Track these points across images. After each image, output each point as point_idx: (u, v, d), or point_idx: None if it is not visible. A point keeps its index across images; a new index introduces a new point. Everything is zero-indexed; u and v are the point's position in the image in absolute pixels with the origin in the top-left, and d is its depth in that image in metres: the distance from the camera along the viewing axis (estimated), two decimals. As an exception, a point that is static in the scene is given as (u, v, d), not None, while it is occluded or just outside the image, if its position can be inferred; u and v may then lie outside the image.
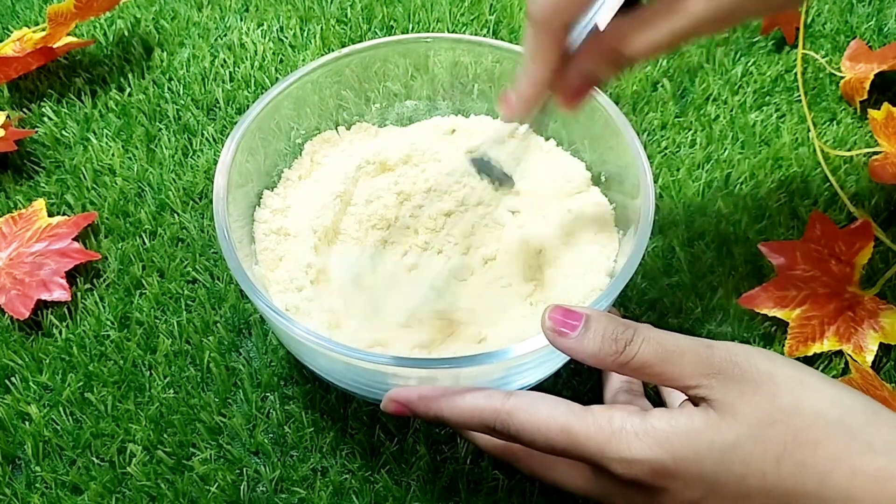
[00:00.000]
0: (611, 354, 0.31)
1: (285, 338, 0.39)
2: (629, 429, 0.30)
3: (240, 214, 0.44)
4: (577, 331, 0.32)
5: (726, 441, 0.29)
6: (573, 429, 0.31)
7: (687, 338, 0.31)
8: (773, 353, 0.31)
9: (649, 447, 0.30)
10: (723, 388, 0.30)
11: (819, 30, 0.64)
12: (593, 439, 0.30)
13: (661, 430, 0.30)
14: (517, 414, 0.32)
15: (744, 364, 0.30)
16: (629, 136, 0.43)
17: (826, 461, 0.28)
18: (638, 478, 0.30)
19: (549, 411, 0.31)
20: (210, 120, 0.58)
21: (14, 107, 0.60)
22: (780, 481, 0.28)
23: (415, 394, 0.34)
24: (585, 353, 0.32)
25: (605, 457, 0.30)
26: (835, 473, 0.28)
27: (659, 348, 0.31)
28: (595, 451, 0.30)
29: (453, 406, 0.33)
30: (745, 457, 0.29)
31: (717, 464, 0.29)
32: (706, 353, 0.30)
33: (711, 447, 0.29)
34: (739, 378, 0.30)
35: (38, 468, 0.42)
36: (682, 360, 0.30)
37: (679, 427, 0.30)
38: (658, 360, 0.30)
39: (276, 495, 0.41)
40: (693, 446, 0.29)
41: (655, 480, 0.30)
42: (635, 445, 0.30)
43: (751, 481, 0.29)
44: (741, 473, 0.29)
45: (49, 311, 0.47)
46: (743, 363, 0.30)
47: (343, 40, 0.63)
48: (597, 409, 0.31)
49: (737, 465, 0.29)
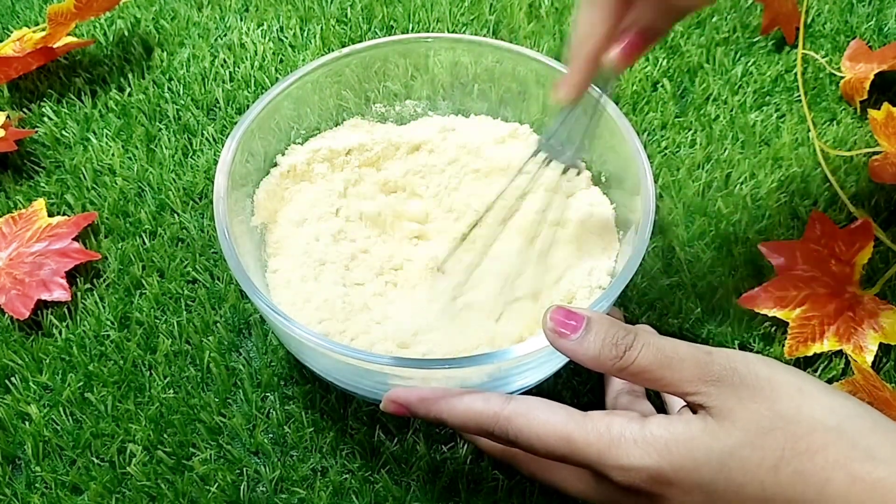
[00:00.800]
0: (610, 359, 0.31)
1: (285, 338, 0.39)
2: (628, 436, 0.30)
3: (239, 213, 0.44)
4: (578, 333, 0.32)
5: (724, 448, 0.29)
6: (572, 436, 0.31)
7: (686, 344, 0.31)
8: (772, 361, 0.31)
9: (648, 455, 0.30)
10: (721, 395, 0.30)
11: (819, 30, 0.64)
12: (592, 446, 0.30)
13: (659, 437, 0.30)
14: (516, 420, 0.32)
15: (743, 371, 0.30)
16: (629, 136, 0.43)
17: (824, 469, 0.28)
18: (636, 485, 0.30)
19: (548, 417, 0.31)
20: (210, 120, 0.58)
21: (14, 107, 0.60)
22: (779, 489, 0.28)
23: (414, 395, 0.34)
24: (586, 355, 0.32)
25: (604, 464, 0.30)
26: (833, 481, 0.28)
27: (658, 354, 0.31)
28: (594, 458, 0.30)
29: (452, 409, 0.33)
30: (744, 464, 0.29)
31: (716, 471, 0.29)
32: (705, 359, 0.30)
33: (710, 454, 0.29)
34: (738, 385, 0.30)
35: (38, 468, 0.42)
36: (680, 367, 0.30)
37: (677, 434, 0.30)
38: (657, 365, 0.30)
39: (276, 495, 0.41)
40: (691, 454, 0.29)
41: (654, 488, 0.30)
42: (634, 453, 0.30)
43: (749, 489, 0.29)
44: (739, 481, 0.29)
45: (49, 311, 0.47)
46: (742, 370, 0.30)
47: (343, 40, 0.63)
48: (596, 415, 0.31)
49: (735, 473, 0.29)
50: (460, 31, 0.64)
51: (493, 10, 0.65)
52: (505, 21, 0.64)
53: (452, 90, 0.52)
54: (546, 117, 0.51)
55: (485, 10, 0.65)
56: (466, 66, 0.50)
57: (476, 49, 0.50)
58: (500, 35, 0.63)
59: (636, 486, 0.30)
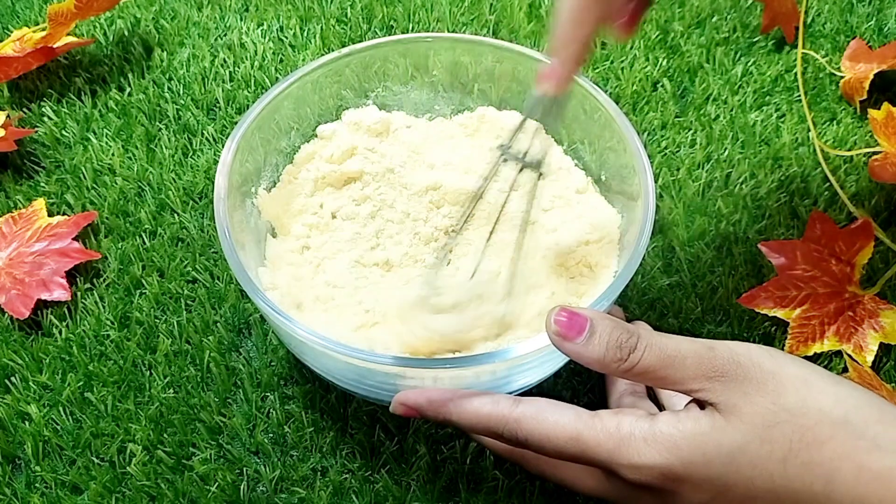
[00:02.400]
0: (615, 361, 0.31)
1: (286, 337, 0.39)
2: (638, 434, 0.30)
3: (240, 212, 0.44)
4: (583, 336, 0.32)
5: (733, 443, 0.29)
6: (582, 436, 0.31)
7: (689, 340, 0.31)
8: (777, 351, 0.31)
9: (658, 452, 0.30)
10: (726, 390, 0.30)
11: (819, 29, 0.64)
12: (602, 446, 0.31)
13: (668, 434, 0.30)
14: (525, 422, 0.32)
15: (746, 364, 0.30)
16: (629, 136, 0.43)
17: (831, 460, 0.28)
18: (648, 482, 0.30)
19: (557, 419, 0.32)
20: (210, 120, 0.58)
21: (14, 106, 0.60)
22: (788, 482, 0.29)
23: (423, 398, 0.34)
24: (590, 358, 0.32)
25: (615, 462, 0.30)
26: (840, 472, 0.28)
27: (661, 354, 0.31)
28: (605, 458, 0.31)
29: (461, 411, 0.34)
30: (753, 458, 0.29)
31: (725, 466, 0.29)
32: (708, 355, 0.30)
33: (719, 450, 0.29)
34: (742, 378, 0.30)
35: (38, 468, 0.42)
36: (683, 364, 0.30)
37: (686, 431, 0.30)
38: (661, 365, 0.31)
39: (276, 495, 0.41)
40: (701, 449, 0.29)
41: (665, 484, 0.30)
42: (644, 451, 0.30)
43: (759, 483, 0.29)
44: (749, 475, 0.29)
45: (49, 310, 0.47)
46: (745, 363, 0.30)
47: (343, 40, 0.63)
48: (604, 414, 0.32)
49: (745, 467, 0.29)
50: (460, 31, 0.64)
51: (493, 10, 0.65)
52: (505, 21, 0.64)
53: (452, 90, 0.52)
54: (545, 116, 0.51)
55: (485, 10, 0.65)
56: (466, 66, 0.50)
57: (476, 49, 0.49)
58: (500, 35, 0.63)
59: (647, 484, 0.30)
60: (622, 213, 0.46)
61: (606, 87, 0.59)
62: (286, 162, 0.49)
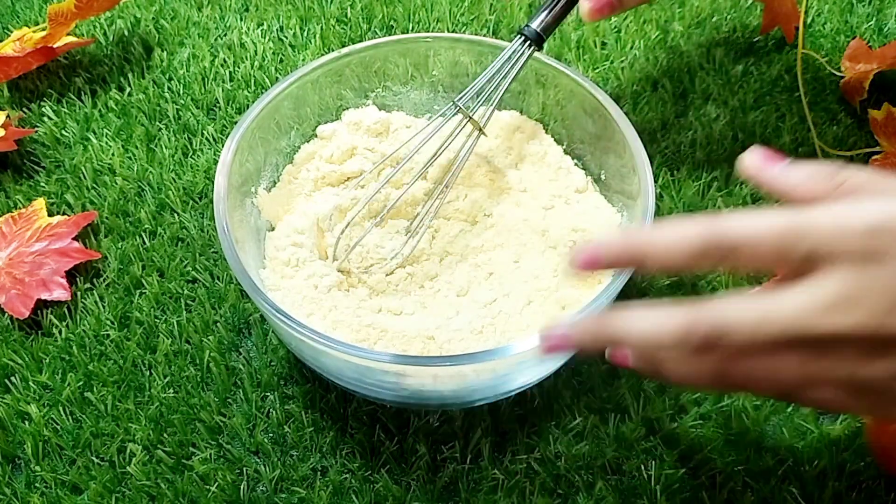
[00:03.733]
0: (825, 178, 0.30)
1: (286, 337, 0.39)
2: (857, 202, 0.28)
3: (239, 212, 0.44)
4: (783, 164, 0.31)
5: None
6: (798, 218, 0.28)
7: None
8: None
9: (885, 201, 0.27)
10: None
11: (819, 30, 0.64)
12: (823, 220, 0.27)
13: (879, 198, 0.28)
14: (730, 224, 0.28)
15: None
16: (629, 136, 0.43)
17: None
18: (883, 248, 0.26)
19: (763, 217, 0.28)
20: (210, 120, 0.58)
21: (14, 106, 0.60)
22: None
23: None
24: (798, 177, 0.30)
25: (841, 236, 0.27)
26: None
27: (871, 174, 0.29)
28: (828, 232, 0.27)
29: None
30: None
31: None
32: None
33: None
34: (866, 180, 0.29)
35: (38, 468, 0.42)
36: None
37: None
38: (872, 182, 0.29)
39: (276, 495, 0.41)
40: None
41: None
42: (871, 206, 0.27)
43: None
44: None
45: (49, 310, 0.47)
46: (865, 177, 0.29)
47: (343, 40, 0.63)
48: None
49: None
50: (460, 30, 0.64)
51: (493, 10, 0.65)
52: (505, 21, 0.64)
53: (452, 90, 0.52)
54: (545, 116, 0.51)
55: (485, 10, 0.65)
56: (466, 66, 0.50)
57: (476, 49, 0.50)
58: (500, 35, 0.63)
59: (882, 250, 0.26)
60: (622, 213, 0.46)
61: (606, 87, 0.59)
62: (286, 162, 0.49)
